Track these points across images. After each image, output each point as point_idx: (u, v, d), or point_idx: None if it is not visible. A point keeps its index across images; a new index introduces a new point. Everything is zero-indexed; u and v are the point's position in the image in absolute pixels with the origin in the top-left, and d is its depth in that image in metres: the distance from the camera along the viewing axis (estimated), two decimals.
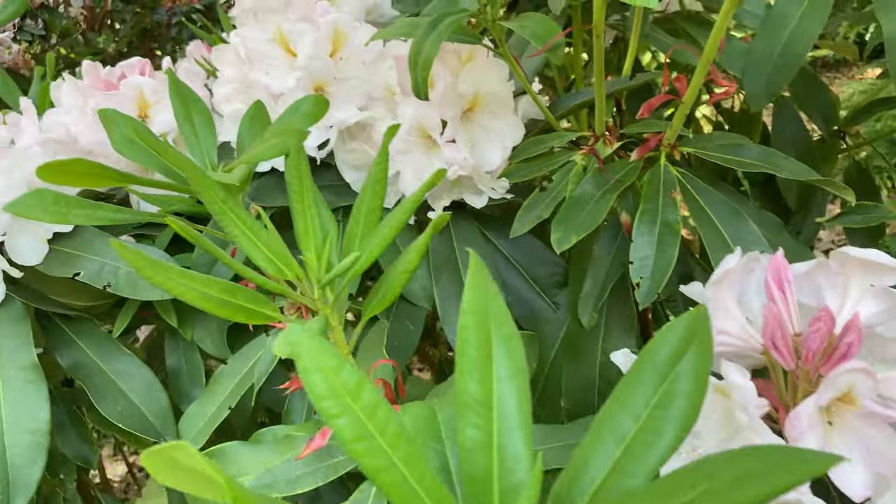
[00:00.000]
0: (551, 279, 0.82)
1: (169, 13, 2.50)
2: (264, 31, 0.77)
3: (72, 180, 0.59)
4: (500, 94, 0.77)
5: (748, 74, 0.84)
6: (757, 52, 0.83)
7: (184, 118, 0.67)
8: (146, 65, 0.89)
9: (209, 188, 0.51)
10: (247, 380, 0.76)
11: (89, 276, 0.74)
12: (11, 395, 0.72)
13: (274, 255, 0.52)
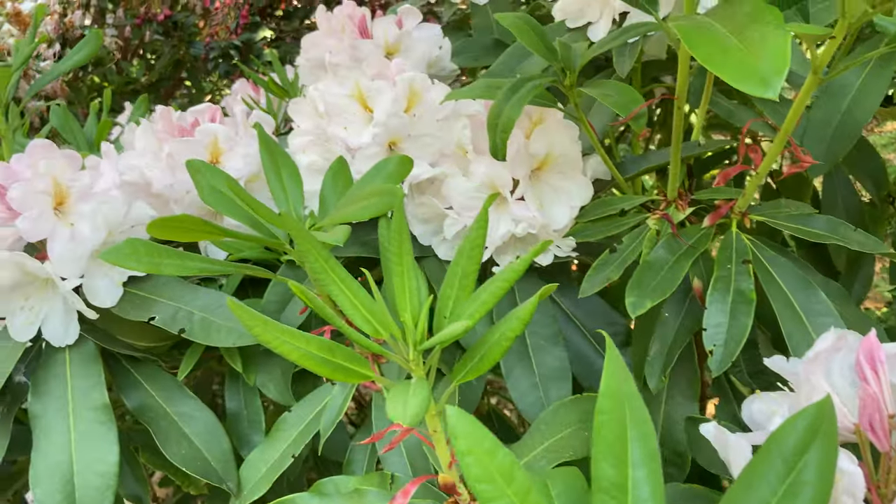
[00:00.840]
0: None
1: (206, 48, 2.55)
2: (343, 86, 0.79)
3: (179, 235, 0.60)
4: (570, 154, 0.78)
5: (807, 142, 0.85)
6: (816, 120, 0.84)
7: (272, 171, 0.68)
8: (217, 111, 0.91)
9: (312, 246, 0.53)
10: (311, 428, 0.77)
11: (164, 320, 0.75)
12: (82, 435, 0.73)
13: (371, 315, 0.53)
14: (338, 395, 0.76)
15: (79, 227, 0.74)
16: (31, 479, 0.70)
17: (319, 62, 1.05)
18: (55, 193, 0.74)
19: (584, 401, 0.70)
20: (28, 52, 0.96)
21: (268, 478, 0.76)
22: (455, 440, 0.31)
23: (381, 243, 0.59)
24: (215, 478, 0.76)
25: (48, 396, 0.74)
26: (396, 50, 1.02)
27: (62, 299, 0.75)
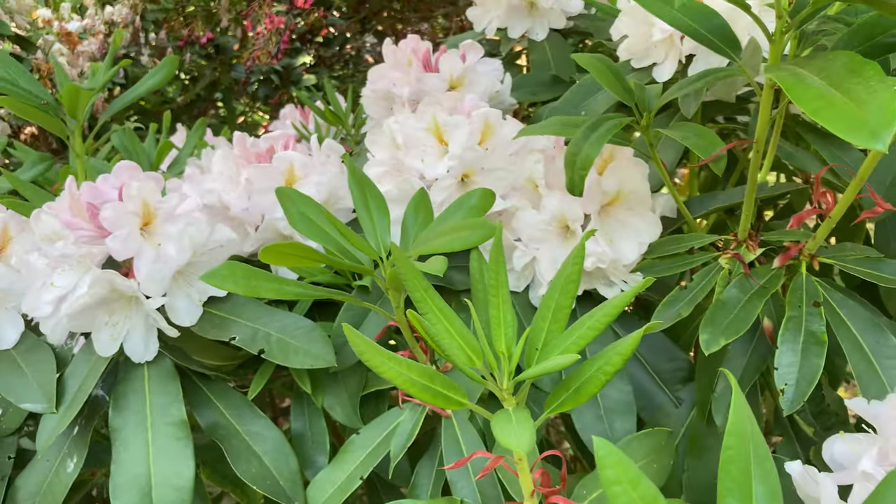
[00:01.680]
0: (675, 374, 0.84)
1: (247, 71, 2.60)
2: (420, 119, 0.81)
3: (287, 261, 0.63)
4: (640, 191, 0.80)
5: (871, 183, 0.86)
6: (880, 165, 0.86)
7: (361, 202, 0.71)
8: (291, 139, 0.93)
9: (413, 275, 0.55)
10: (379, 451, 0.78)
11: (244, 340, 0.77)
12: (160, 450, 0.74)
13: (466, 344, 0.54)
14: (407, 421, 0.77)
15: (165, 248, 0.76)
16: (111, 491, 0.72)
17: (384, 93, 1.08)
18: (143, 214, 0.76)
19: (655, 435, 0.71)
20: (110, 74, 0.99)
21: (335, 499, 0.77)
22: (602, 469, 0.32)
23: (473, 275, 0.61)
24: (284, 497, 0.77)
25: (128, 411, 0.76)
26: (460, 84, 1.05)
27: (144, 317, 0.77)
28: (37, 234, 0.75)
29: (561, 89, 1.15)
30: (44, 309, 0.77)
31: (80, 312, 0.75)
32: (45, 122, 0.97)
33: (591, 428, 0.79)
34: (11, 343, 0.81)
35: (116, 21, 3.00)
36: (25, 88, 0.99)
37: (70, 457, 0.77)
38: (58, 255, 0.73)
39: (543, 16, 1.21)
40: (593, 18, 1.25)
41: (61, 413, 0.75)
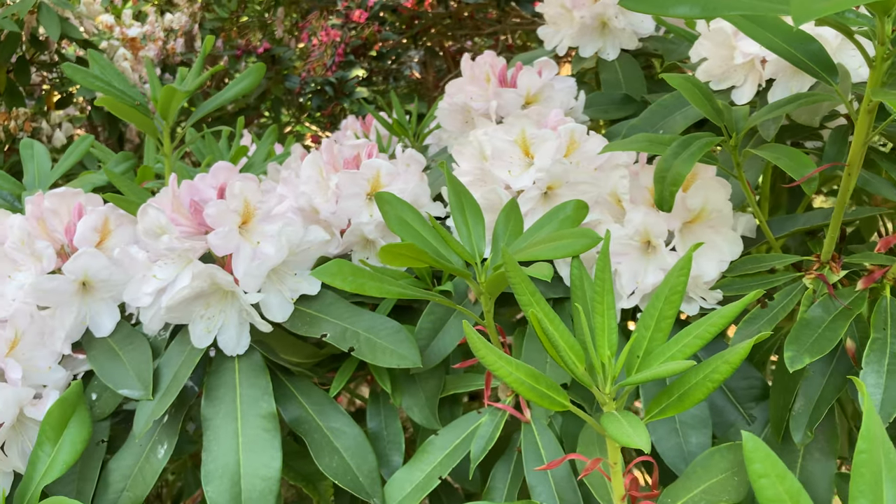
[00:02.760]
0: (749, 392, 0.85)
1: (302, 82, 2.66)
2: (509, 132, 0.84)
3: (402, 262, 0.65)
4: (723, 210, 0.82)
5: None
6: None
7: (457, 209, 0.73)
8: (374, 147, 0.96)
9: (522, 280, 0.57)
10: (458, 453, 0.80)
11: (335, 337, 0.79)
12: (249, 441, 0.77)
13: (570, 349, 0.56)
14: (488, 424, 0.79)
15: (263, 246, 0.79)
16: (203, 476, 0.75)
17: (460, 107, 1.11)
18: (243, 213, 0.80)
19: (737, 449, 0.72)
20: (202, 80, 1.03)
21: (413, 497, 0.79)
22: (750, 463, 0.34)
23: (573, 282, 0.63)
24: (363, 493, 0.79)
25: (219, 402, 0.79)
26: (537, 100, 1.07)
27: (238, 311, 0.80)
28: (141, 228, 0.79)
29: (632, 108, 1.17)
30: (144, 299, 0.80)
31: (179, 304, 0.78)
32: (138, 122, 1.01)
33: (665, 440, 0.80)
34: (108, 332, 0.85)
35: (175, 28, 3.08)
36: (119, 89, 1.04)
37: (160, 443, 0.80)
38: (163, 248, 0.77)
39: (615, 36, 1.24)
40: (663, 41, 1.27)
41: (157, 400, 0.78)
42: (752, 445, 0.34)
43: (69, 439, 0.73)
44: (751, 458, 0.34)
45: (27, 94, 2.53)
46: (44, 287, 0.81)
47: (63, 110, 2.53)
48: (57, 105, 2.49)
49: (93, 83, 1.01)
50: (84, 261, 0.82)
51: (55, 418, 0.73)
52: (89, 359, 0.82)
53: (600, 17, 1.22)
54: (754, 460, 0.34)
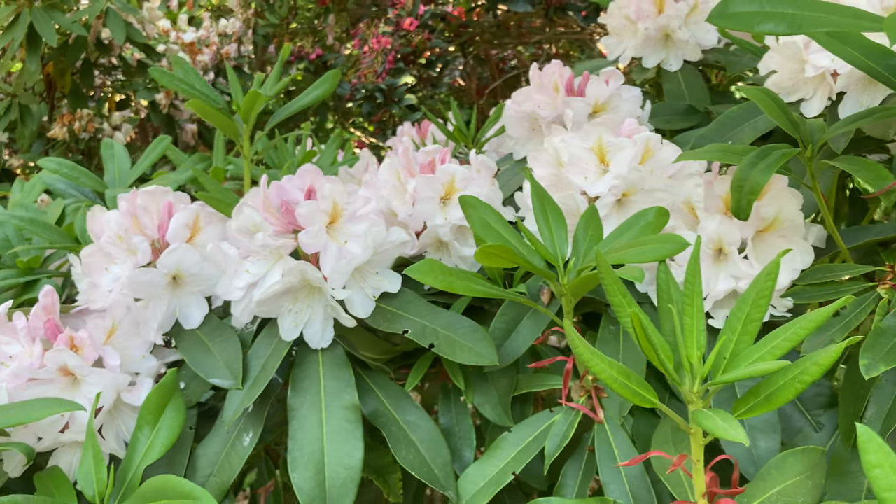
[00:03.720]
0: (817, 399, 0.86)
1: (353, 88, 2.71)
2: (585, 140, 0.86)
3: (494, 262, 0.68)
4: (795, 220, 0.84)
5: None
6: None
7: (540, 213, 0.76)
8: (447, 152, 1.00)
9: (613, 283, 0.59)
10: (531, 449, 0.83)
11: (416, 334, 0.83)
12: (333, 431, 0.80)
13: (659, 347, 0.59)
14: (562, 423, 0.82)
15: (349, 245, 0.83)
16: (290, 463, 0.78)
17: (528, 114, 1.14)
18: (331, 213, 0.83)
19: (811, 453, 0.73)
20: (283, 85, 1.08)
21: (486, 491, 0.82)
22: (864, 454, 0.36)
23: (660, 286, 0.65)
24: (438, 485, 0.82)
25: (304, 393, 0.83)
26: (604, 109, 1.10)
27: (323, 306, 0.84)
28: (235, 225, 0.83)
29: (695, 119, 1.19)
30: (235, 293, 0.84)
31: (270, 299, 0.82)
32: (221, 124, 1.06)
33: (734, 444, 0.82)
34: (197, 324, 0.89)
35: (229, 33, 3.15)
36: (203, 92, 1.08)
37: (246, 431, 0.84)
38: (257, 245, 0.81)
39: (679, 48, 1.26)
40: (725, 53, 1.29)
41: (246, 390, 0.82)
42: (866, 437, 0.37)
43: (166, 424, 0.77)
44: (864, 448, 0.36)
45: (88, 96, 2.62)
46: (139, 280, 0.85)
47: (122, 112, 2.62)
48: (117, 107, 2.57)
49: (179, 86, 1.06)
50: (177, 255, 0.86)
51: (154, 403, 0.77)
52: (180, 349, 0.86)
53: (664, 29, 1.25)
54: (868, 451, 0.36)
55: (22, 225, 1.03)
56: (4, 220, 1.05)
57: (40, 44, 2.11)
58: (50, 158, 1.19)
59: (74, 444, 0.82)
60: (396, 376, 0.96)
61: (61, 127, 2.38)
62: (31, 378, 0.80)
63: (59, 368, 0.79)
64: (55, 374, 0.80)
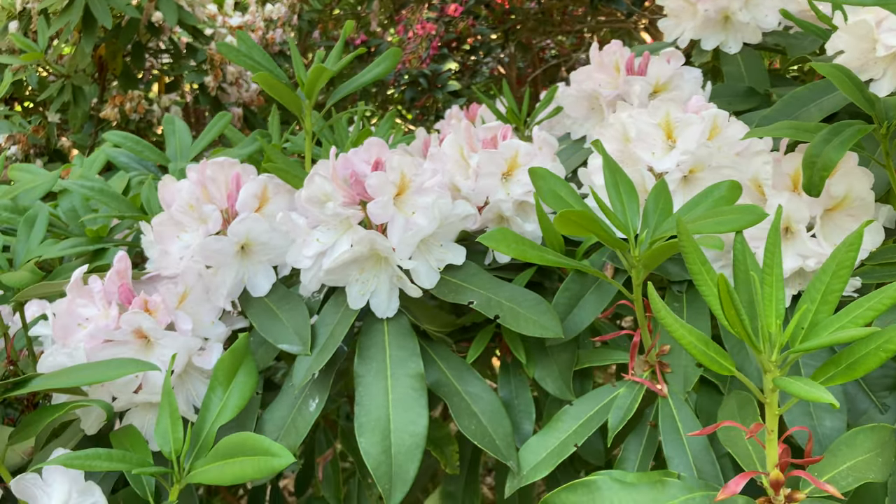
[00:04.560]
0: (882, 381, 0.86)
1: (396, 74, 2.72)
2: (653, 116, 0.86)
3: (574, 229, 0.69)
4: (865, 199, 0.83)
5: None
6: None
7: (612, 186, 0.76)
8: (508, 129, 1.00)
9: (694, 250, 0.60)
10: (592, 422, 0.83)
11: (481, 305, 0.84)
12: (398, 399, 0.82)
13: (737, 315, 0.59)
14: (625, 396, 0.82)
15: (417, 217, 0.84)
16: (357, 428, 0.80)
17: (588, 94, 1.14)
18: (399, 185, 0.84)
19: (880, 430, 0.73)
20: (345, 62, 1.09)
21: (547, 463, 0.83)
22: None
23: (736, 256, 0.65)
24: (500, 455, 0.83)
25: (371, 360, 0.84)
26: (665, 88, 1.10)
27: (390, 276, 0.85)
28: (305, 195, 0.84)
29: (755, 101, 1.18)
30: (304, 262, 0.86)
31: (338, 267, 0.83)
32: (286, 98, 1.07)
33: (798, 422, 0.82)
34: (264, 292, 0.91)
35: (274, 18, 3.18)
36: (267, 68, 1.10)
37: (312, 397, 0.86)
38: (328, 214, 0.82)
39: (738, 30, 1.25)
40: (786, 36, 1.27)
41: (315, 356, 0.83)
42: None
43: (239, 386, 0.79)
44: None
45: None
46: (210, 247, 0.87)
47: (170, 95, 2.66)
48: (167, 89, 2.61)
49: (244, 61, 1.08)
50: (248, 224, 0.88)
51: (227, 366, 0.79)
52: (249, 316, 0.88)
53: (724, 11, 1.23)
54: None
55: (91, 195, 1.06)
56: (74, 189, 1.07)
57: (96, 26, 2.15)
58: (114, 132, 1.22)
59: (147, 405, 0.84)
60: (457, 349, 0.97)
61: (113, 108, 2.42)
62: (106, 340, 0.82)
63: (134, 331, 0.82)
64: (130, 337, 0.82)
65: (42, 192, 1.13)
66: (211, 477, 0.69)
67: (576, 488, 0.77)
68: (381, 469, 0.78)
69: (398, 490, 0.78)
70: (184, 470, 0.74)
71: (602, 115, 1.14)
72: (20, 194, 1.13)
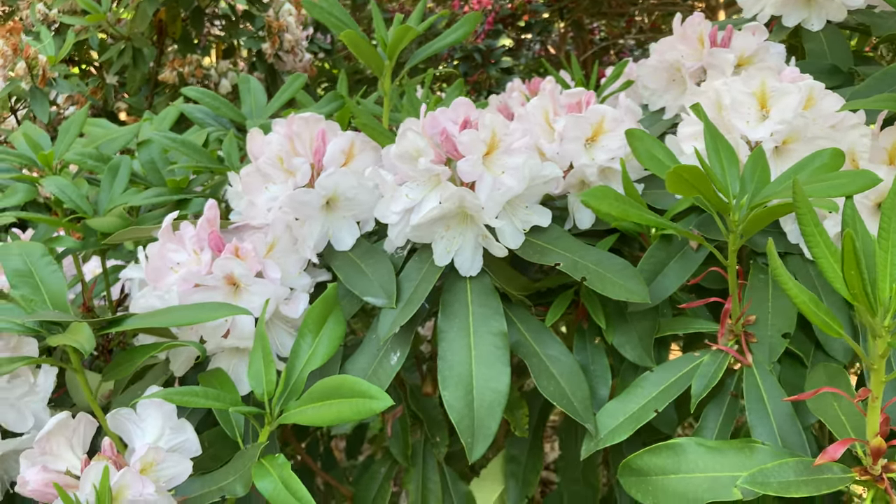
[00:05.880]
0: None
1: (451, 48, 2.71)
2: (748, 84, 0.85)
3: (683, 187, 0.68)
4: None
5: None
6: None
7: (712, 150, 0.76)
8: (591, 96, 1.00)
9: (808, 211, 0.59)
10: (673, 389, 0.83)
11: (567, 267, 0.84)
12: (481, 355, 0.82)
13: (850, 280, 0.58)
14: (709, 364, 0.82)
15: (505, 177, 0.84)
16: (441, 381, 0.81)
17: (669, 64, 1.13)
18: (489, 144, 0.85)
19: None
20: (426, 25, 1.09)
21: (626, 427, 0.83)
22: None
23: (845, 221, 0.65)
24: (578, 416, 0.83)
25: (454, 317, 0.85)
26: (749, 62, 1.08)
27: (474, 235, 0.86)
28: (397, 150, 0.85)
29: (839, 79, 1.16)
30: (392, 217, 0.86)
31: (426, 224, 0.84)
32: (368, 58, 1.08)
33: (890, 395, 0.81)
34: (348, 246, 0.92)
35: None
36: (349, 25, 1.11)
37: (394, 351, 0.87)
38: (421, 169, 0.82)
39: (822, 7, 1.22)
40: (871, 14, 1.25)
41: (400, 309, 0.84)
42: None
43: (328, 334, 0.80)
44: None
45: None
46: (298, 199, 0.88)
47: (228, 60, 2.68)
48: (224, 55, 2.63)
49: (328, 18, 1.09)
50: (336, 178, 0.89)
51: (317, 314, 0.81)
52: (335, 268, 0.89)
53: None
54: None
55: (174, 146, 1.07)
56: (157, 140, 1.09)
57: None
58: (192, 87, 1.24)
59: (233, 350, 0.86)
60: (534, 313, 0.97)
61: (171, 71, 2.45)
62: (196, 284, 0.84)
63: (225, 276, 0.83)
64: (220, 282, 0.84)
65: (124, 143, 1.16)
66: (307, 417, 0.71)
67: (660, 450, 0.77)
68: (463, 423, 0.79)
69: (480, 444, 0.79)
70: (275, 411, 0.75)
71: (682, 87, 1.13)
72: (102, 143, 1.15)
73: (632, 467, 0.77)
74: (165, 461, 0.72)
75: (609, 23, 3.86)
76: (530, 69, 3.44)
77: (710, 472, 0.74)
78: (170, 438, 0.76)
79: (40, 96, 2.18)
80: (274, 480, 0.68)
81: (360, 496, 1.08)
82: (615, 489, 1.05)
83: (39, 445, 0.73)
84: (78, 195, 1.04)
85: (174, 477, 0.73)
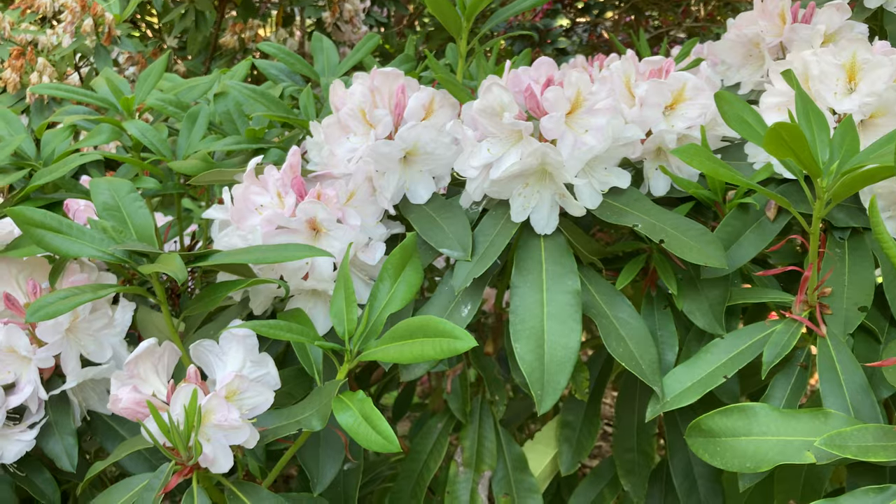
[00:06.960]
0: None
1: (507, 26, 2.70)
2: (838, 56, 0.85)
3: (780, 147, 0.68)
4: None
5: None
6: None
7: (803, 115, 0.76)
8: (670, 63, 0.99)
9: None
10: (744, 356, 0.84)
11: (646, 229, 0.84)
12: (553, 313, 0.83)
13: None
14: (782, 333, 0.82)
15: (587, 136, 0.85)
16: (512, 335, 0.82)
17: (748, 39, 1.12)
18: (573, 102, 0.85)
19: None
20: None
21: (693, 391, 0.83)
22: None
23: None
24: (646, 378, 0.84)
25: (527, 273, 0.86)
26: (832, 39, 1.07)
27: (551, 193, 0.86)
28: (480, 105, 0.86)
29: None
30: (471, 172, 0.87)
31: (505, 179, 0.85)
32: (447, 17, 1.08)
33: None
34: (423, 200, 0.93)
35: None
36: None
37: (464, 303, 0.88)
38: (507, 123, 0.83)
39: None
40: None
41: (475, 262, 0.85)
42: None
43: (406, 279, 0.82)
44: None
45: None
46: (379, 150, 0.89)
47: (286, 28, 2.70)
48: (283, 23, 2.66)
49: None
50: (417, 131, 0.90)
51: (397, 259, 0.82)
52: (411, 220, 0.91)
53: None
54: None
55: (253, 96, 1.10)
56: (236, 90, 1.11)
57: None
58: (269, 42, 1.26)
59: (311, 292, 0.88)
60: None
61: (232, 35, 2.48)
62: (279, 227, 0.86)
63: (308, 220, 0.85)
64: (302, 226, 0.86)
65: (202, 91, 1.18)
66: (389, 355, 0.72)
67: (731, 412, 0.78)
68: (534, 375, 0.81)
69: (549, 397, 0.81)
70: (354, 349, 0.77)
71: (759, 62, 1.12)
72: (181, 91, 1.18)
73: (701, 428, 0.77)
74: (248, 390, 0.75)
75: (662, 13, 3.81)
76: (584, 52, 3.42)
77: (782, 436, 0.74)
78: (251, 371, 0.78)
79: (104, 54, 2.21)
80: (354, 414, 0.70)
81: (417, 450, 1.10)
82: (668, 461, 1.06)
83: (129, 368, 0.75)
84: (159, 139, 1.07)
85: (256, 407, 0.76)
